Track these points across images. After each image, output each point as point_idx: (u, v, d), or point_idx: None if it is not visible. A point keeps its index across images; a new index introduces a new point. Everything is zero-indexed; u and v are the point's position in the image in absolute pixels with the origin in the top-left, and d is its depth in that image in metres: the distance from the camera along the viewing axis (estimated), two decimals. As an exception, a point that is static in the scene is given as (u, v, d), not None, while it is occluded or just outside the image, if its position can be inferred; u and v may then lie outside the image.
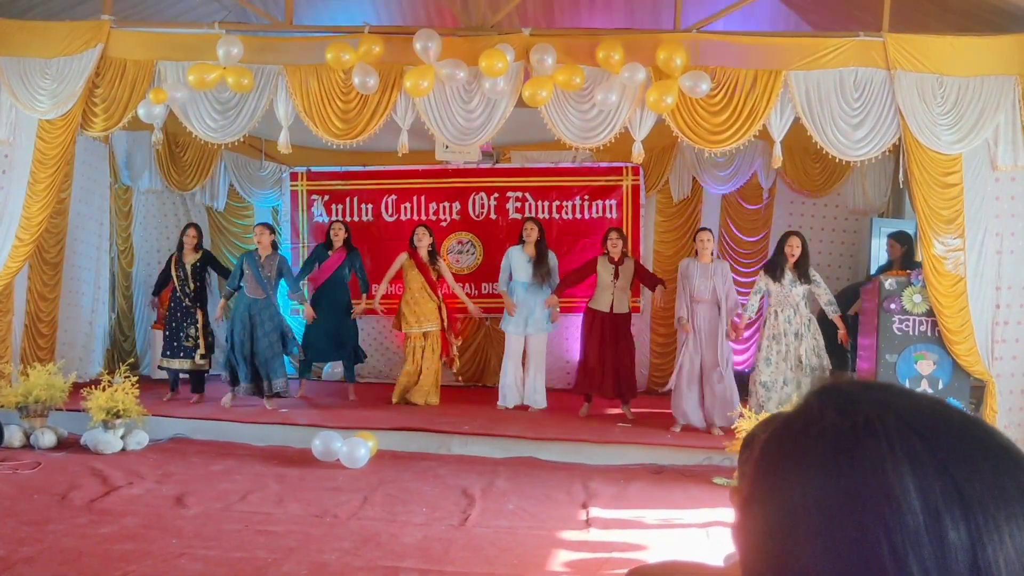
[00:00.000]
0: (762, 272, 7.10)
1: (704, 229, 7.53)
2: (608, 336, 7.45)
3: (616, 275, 7.46)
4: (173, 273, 7.92)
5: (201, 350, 7.86)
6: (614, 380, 7.42)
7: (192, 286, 7.89)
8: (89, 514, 4.61)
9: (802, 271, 6.88)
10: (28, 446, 6.18)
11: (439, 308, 7.94)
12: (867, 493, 0.56)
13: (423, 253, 7.90)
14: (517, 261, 7.91)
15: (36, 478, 5.37)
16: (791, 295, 6.84)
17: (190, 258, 7.92)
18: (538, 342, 7.93)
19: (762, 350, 6.91)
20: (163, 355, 7.95)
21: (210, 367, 8.05)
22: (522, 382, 7.94)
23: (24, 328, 7.57)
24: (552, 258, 7.96)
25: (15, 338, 7.37)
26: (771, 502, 0.60)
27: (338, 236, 8.26)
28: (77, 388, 6.61)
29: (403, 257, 7.96)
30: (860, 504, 0.55)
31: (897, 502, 0.55)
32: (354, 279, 8.31)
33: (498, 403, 7.88)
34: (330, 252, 8.26)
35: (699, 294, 7.07)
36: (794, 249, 6.90)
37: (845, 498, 0.56)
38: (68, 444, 6.29)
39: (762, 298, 7.11)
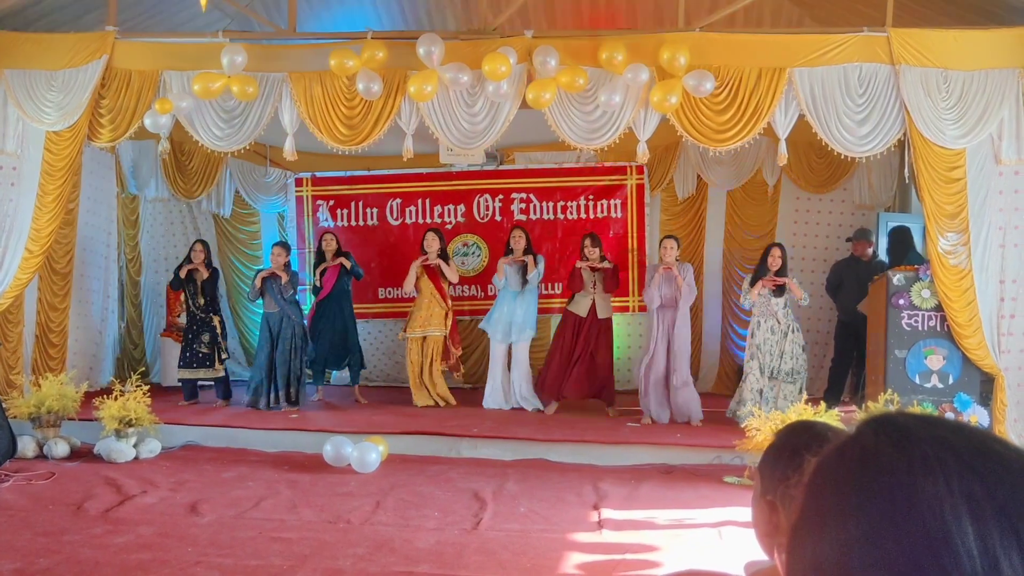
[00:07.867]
0: (746, 283, 7.21)
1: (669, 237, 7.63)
2: (584, 339, 7.55)
3: (595, 281, 7.58)
4: (185, 287, 8.02)
5: (220, 355, 7.98)
6: (588, 383, 7.53)
7: (203, 300, 8.00)
8: (104, 523, 4.62)
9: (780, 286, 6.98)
10: (41, 456, 6.19)
11: (446, 315, 7.98)
12: (925, 534, 0.55)
13: (432, 259, 7.91)
14: (508, 270, 7.94)
15: (50, 488, 5.39)
16: (771, 305, 6.94)
17: (200, 275, 8.01)
18: (521, 349, 7.97)
19: (747, 360, 7.03)
20: (180, 366, 7.99)
21: (226, 373, 8.10)
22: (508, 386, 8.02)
23: (35, 339, 7.61)
24: (539, 261, 7.98)
25: (26, 349, 7.41)
26: (825, 532, 0.60)
27: (329, 247, 8.29)
28: (89, 397, 6.64)
29: (416, 263, 7.96)
30: (917, 544, 0.55)
31: (955, 545, 0.54)
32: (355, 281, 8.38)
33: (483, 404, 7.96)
34: (325, 264, 8.27)
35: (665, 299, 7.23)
36: (776, 260, 7.00)
37: (902, 537, 0.56)
38: (81, 453, 6.32)
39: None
